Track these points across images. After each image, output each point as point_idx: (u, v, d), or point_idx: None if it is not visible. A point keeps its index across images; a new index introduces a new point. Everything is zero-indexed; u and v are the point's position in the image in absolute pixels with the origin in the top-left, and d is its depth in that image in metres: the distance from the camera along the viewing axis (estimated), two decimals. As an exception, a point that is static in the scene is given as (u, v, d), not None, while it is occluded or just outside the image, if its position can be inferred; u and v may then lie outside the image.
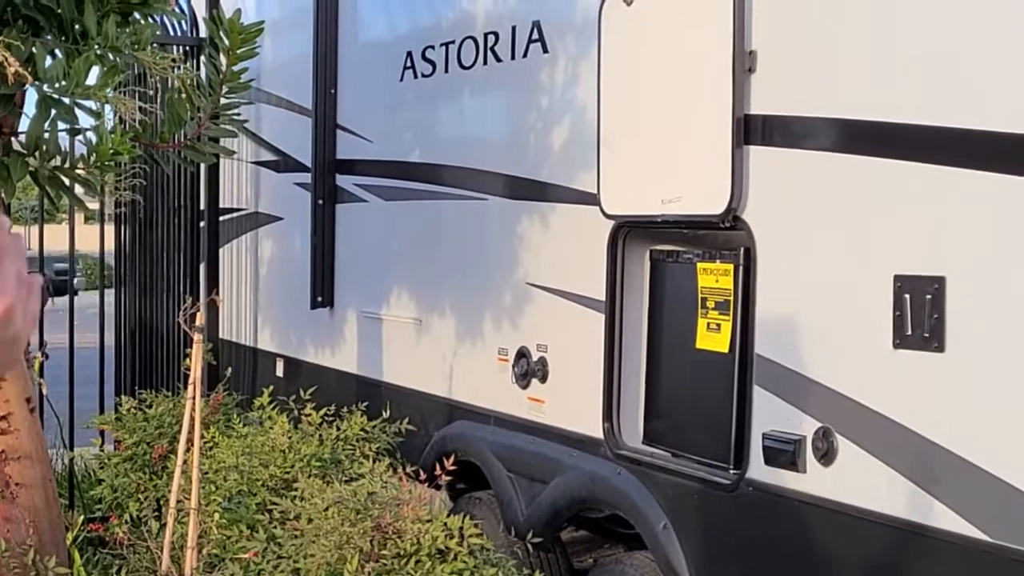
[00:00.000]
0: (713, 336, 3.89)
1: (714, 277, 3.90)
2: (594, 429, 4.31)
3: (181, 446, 4.06)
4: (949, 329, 3.11)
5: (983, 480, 3.01)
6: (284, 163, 6.76)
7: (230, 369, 6.65)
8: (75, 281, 7.13)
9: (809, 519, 3.51)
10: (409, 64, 5.58)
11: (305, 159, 6.36)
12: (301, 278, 6.38)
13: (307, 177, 6.33)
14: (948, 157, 3.13)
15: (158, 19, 4.69)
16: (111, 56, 3.61)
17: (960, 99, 3.12)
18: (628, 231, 4.23)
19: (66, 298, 6.65)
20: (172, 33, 6.75)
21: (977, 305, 3.08)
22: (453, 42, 5.26)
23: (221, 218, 7.46)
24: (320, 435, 4.98)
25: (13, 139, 3.88)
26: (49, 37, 3.59)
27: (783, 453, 3.56)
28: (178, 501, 4.00)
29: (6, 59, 3.15)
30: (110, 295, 7.37)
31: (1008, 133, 2.97)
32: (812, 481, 3.48)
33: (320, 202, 6.21)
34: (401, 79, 5.64)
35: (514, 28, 4.86)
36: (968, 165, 3.07)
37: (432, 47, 5.41)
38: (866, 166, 3.36)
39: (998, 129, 3.00)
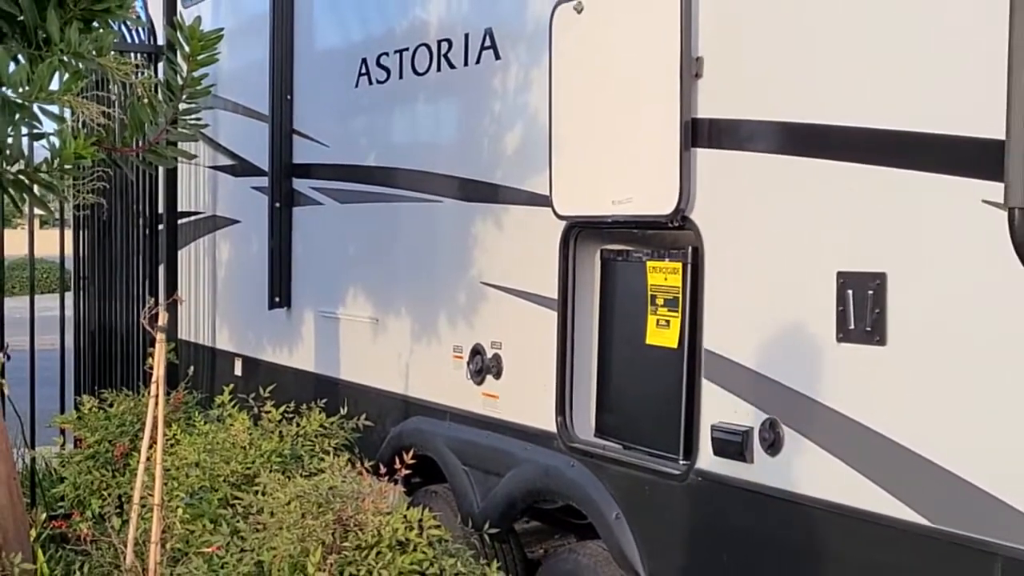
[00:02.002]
0: (662, 332, 3.92)
1: (663, 275, 3.93)
2: (547, 423, 4.33)
3: (144, 443, 4.03)
4: (890, 323, 3.15)
5: (924, 468, 3.05)
6: (241, 167, 6.74)
7: (192, 368, 6.64)
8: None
9: (757, 507, 3.54)
10: (364, 71, 5.58)
11: (262, 163, 6.34)
12: (259, 279, 6.36)
13: (264, 181, 6.32)
14: (889, 158, 3.16)
15: (118, 26, 4.64)
16: (74, 62, 3.59)
17: (899, 103, 3.16)
18: (579, 231, 4.25)
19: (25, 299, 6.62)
20: (131, 40, 6.72)
21: (918, 300, 3.12)
22: (407, 49, 5.26)
23: (179, 221, 7.42)
24: (280, 431, 4.97)
25: (-23, 145, 3.86)
26: (12, 43, 3.56)
27: (731, 444, 3.59)
28: (141, 497, 3.97)
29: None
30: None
31: (945, 135, 3.01)
32: (760, 470, 3.52)
33: (277, 205, 6.20)
34: (356, 85, 5.64)
35: (467, 35, 4.87)
36: (908, 166, 3.11)
37: (387, 54, 5.41)
38: (810, 167, 3.40)
39: (936, 131, 3.04)
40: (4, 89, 3.48)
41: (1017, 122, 2.48)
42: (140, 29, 6.89)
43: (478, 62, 4.81)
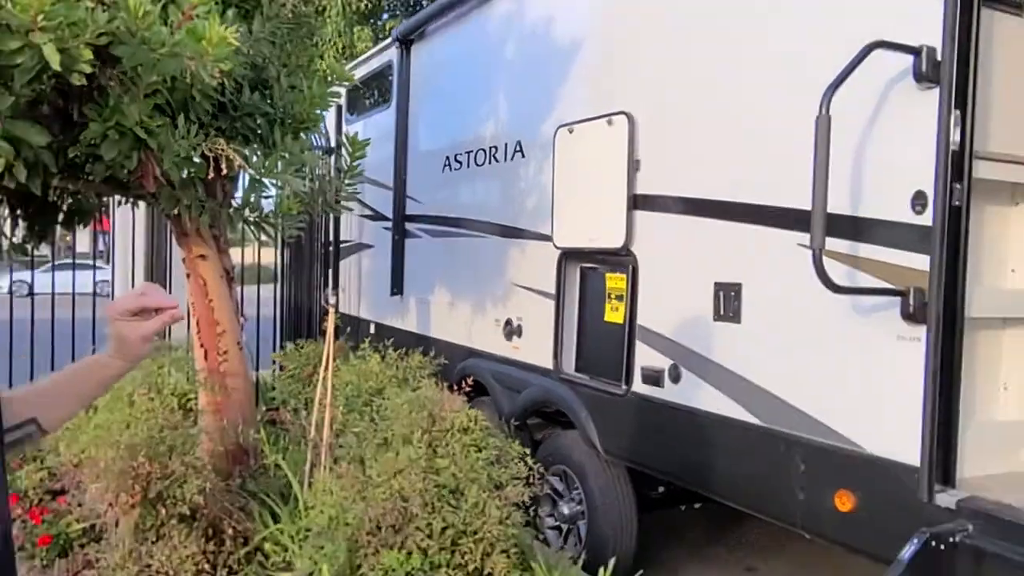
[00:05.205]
0: (614, 313, 3.95)
1: (615, 281, 3.96)
2: (547, 363, 4.36)
3: (321, 370, 4.10)
4: (743, 311, 3.20)
5: (759, 392, 3.10)
6: (377, 215, 6.78)
7: (348, 328, 6.72)
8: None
9: (666, 413, 3.57)
10: (447, 162, 5.62)
11: (388, 213, 6.39)
12: (385, 279, 6.40)
13: (389, 224, 6.36)
14: (745, 218, 3.20)
15: (311, 135, 4.69)
16: (288, 155, 3.64)
17: (752, 187, 3.19)
18: (568, 256, 4.27)
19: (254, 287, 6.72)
20: (318, 143, 6.77)
21: (758, 299, 3.16)
22: (472, 151, 5.30)
23: (341, 245, 7.50)
24: (396, 365, 5.03)
25: (232, 201, 3.92)
26: (255, 145, 3.62)
27: (652, 377, 3.63)
28: (320, 399, 4.02)
29: (234, 157, 3.19)
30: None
31: (778, 206, 3.05)
32: (668, 392, 3.56)
33: (396, 238, 6.24)
34: (442, 171, 5.68)
35: (506, 144, 4.91)
36: (756, 223, 3.15)
37: (460, 153, 5.45)
38: (699, 222, 3.43)
39: (772, 204, 3.08)
40: (250, 170, 3.54)
41: (817, 202, 2.52)
42: (323, 137, 6.95)
43: (512, 159, 4.84)
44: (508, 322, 4.80)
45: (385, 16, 15.16)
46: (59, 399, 1.40)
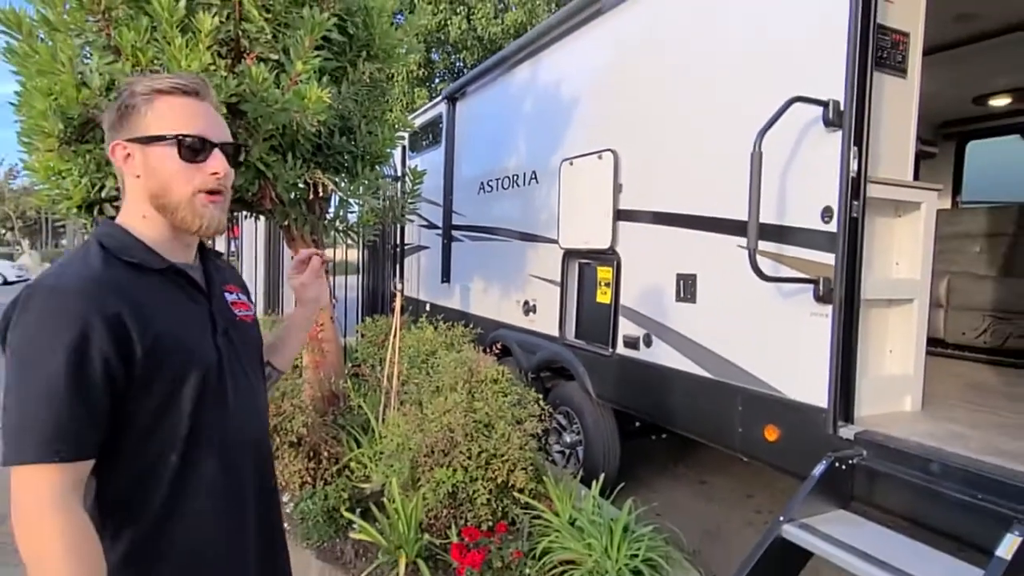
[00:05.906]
0: (603, 296, 3.93)
1: (604, 272, 3.93)
2: (555, 332, 4.35)
3: (391, 337, 4.11)
4: (698, 294, 3.18)
5: (709, 353, 3.09)
6: (431, 225, 6.74)
7: (410, 307, 6.74)
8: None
9: (640, 369, 3.56)
10: (481, 186, 5.60)
11: (439, 224, 6.37)
12: (437, 270, 6.40)
13: (440, 231, 6.34)
14: (698, 226, 3.18)
15: (384, 168, 4.70)
16: (367, 181, 3.66)
17: (705, 202, 3.17)
18: (570, 254, 4.24)
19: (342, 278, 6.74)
20: (388, 172, 6.79)
21: (708, 285, 3.14)
22: (499, 178, 5.28)
23: (406, 246, 7.48)
24: (445, 333, 5.04)
25: (327, 215, 3.95)
26: (342, 174, 3.65)
27: (631, 342, 3.62)
28: (390, 359, 4.04)
29: (328, 183, 3.22)
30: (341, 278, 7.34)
31: (722, 217, 3.03)
32: (642, 354, 3.55)
33: (445, 241, 6.22)
34: (478, 193, 5.67)
35: (525, 172, 4.89)
36: (707, 230, 3.13)
37: (491, 180, 5.43)
38: (664, 229, 3.41)
39: (718, 216, 3.06)
40: (339, 193, 3.56)
41: (752, 214, 2.51)
42: (392, 168, 6.96)
43: (529, 184, 4.82)
44: (526, 302, 4.79)
45: (437, 80, 15.16)
46: (280, 347, 1.52)
